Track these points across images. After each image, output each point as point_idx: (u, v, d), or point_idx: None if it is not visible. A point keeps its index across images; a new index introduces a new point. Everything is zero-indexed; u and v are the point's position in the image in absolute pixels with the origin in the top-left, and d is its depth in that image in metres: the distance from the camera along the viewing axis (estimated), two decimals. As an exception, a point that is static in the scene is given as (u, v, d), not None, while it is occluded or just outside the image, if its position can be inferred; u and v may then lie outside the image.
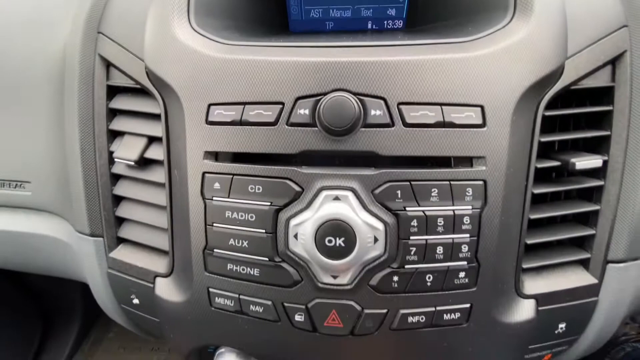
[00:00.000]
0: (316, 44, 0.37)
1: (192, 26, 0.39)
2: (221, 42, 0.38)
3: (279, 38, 0.42)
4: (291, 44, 0.38)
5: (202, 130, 0.38)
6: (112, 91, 0.46)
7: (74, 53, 0.46)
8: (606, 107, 0.40)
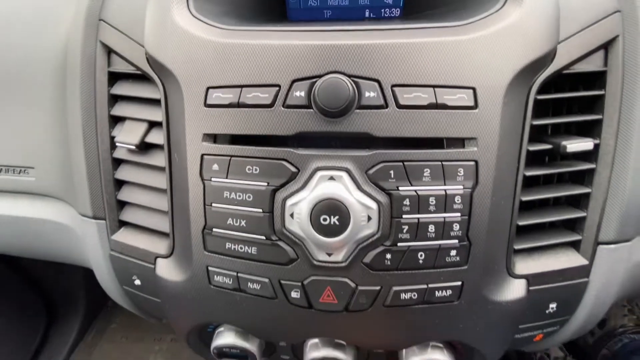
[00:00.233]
0: (311, 29, 0.38)
1: (191, 12, 0.40)
2: (219, 27, 0.39)
3: (277, 25, 0.42)
4: (287, 29, 0.39)
5: (201, 113, 0.39)
6: (114, 77, 0.47)
7: (76, 41, 0.47)
8: (598, 92, 0.41)
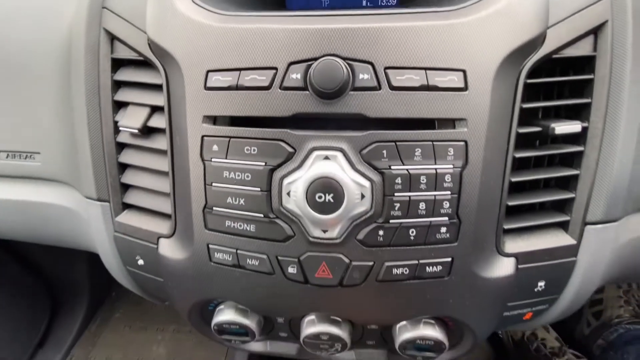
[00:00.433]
0: (307, 14, 0.39)
1: None
2: (218, 13, 0.41)
3: (274, 12, 0.44)
4: (284, 14, 0.40)
5: (201, 95, 0.40)
6: (117, 64, 0.49)
7: (80, 29, 0.49)
8: (587, 76, 0.42)
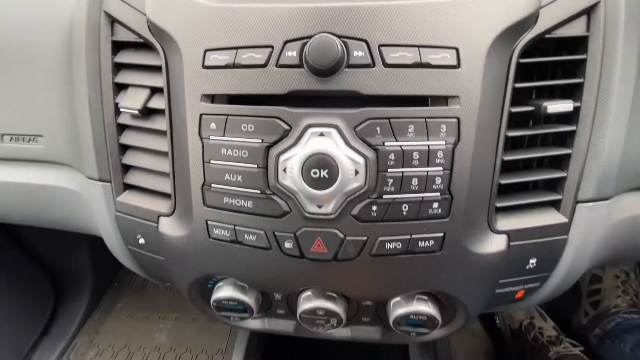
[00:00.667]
0: None
1: None
2: None
3: None
4: None
5: (199, 74, 0.41)
6: (117, 46, 0.49)
7: (81, 12, 0.49)
8: (580, 56, 0.43)
